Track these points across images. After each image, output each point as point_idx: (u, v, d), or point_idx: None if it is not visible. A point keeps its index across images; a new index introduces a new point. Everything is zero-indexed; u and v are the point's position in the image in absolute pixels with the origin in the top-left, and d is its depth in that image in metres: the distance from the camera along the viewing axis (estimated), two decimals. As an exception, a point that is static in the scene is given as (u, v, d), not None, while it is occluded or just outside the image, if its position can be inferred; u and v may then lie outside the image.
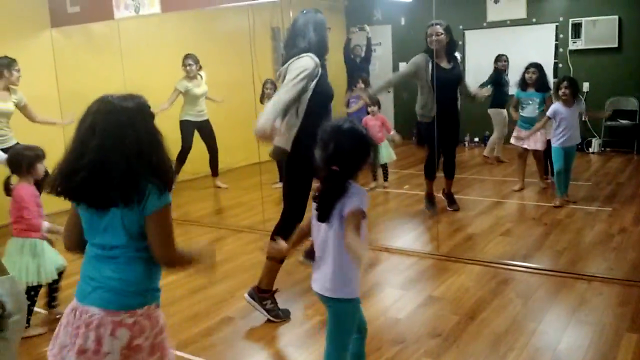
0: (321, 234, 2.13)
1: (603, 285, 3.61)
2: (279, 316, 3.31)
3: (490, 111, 7.44)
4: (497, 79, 7.36)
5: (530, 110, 6.01)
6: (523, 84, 6.08)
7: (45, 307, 3.51)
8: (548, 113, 5.47)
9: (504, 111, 7.19)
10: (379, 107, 6.39)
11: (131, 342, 1.74)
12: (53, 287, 3.46)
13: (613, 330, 3.01)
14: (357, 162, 2.07)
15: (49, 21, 6.25)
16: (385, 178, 6.73)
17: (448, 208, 5.49)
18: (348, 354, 2.22)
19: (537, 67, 6.01)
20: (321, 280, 2.15)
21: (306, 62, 3.13)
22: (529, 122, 5.97)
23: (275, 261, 3.29)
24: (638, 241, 4.42)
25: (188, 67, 6.68)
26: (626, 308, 3.27)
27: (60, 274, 3.42)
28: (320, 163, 2.08)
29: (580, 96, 5.44)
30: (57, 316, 3.36)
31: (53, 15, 6.24)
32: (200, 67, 6.82)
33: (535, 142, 5.94)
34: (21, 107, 5.12)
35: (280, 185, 7.10)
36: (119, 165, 1.69)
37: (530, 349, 2.86)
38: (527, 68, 6.07)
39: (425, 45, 5.10)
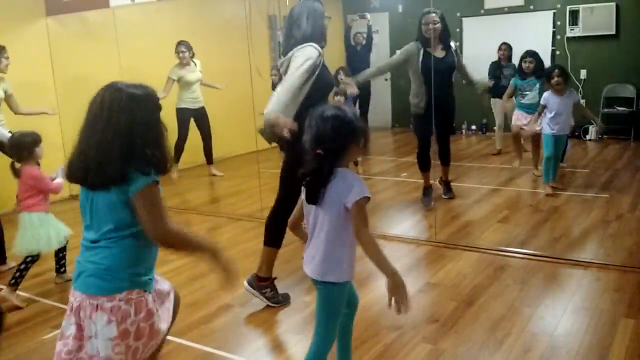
0: (318, 218, 2.14)
1: (600, 271, 3.63)
2: (280, 302, 3.35)
3: (491, 101, 7.44)
4: (494, 69, 7.32)
5: (531, 96, 6.04)
6: (521, 73, 6.11)
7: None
8: (541, 101, 5.47)
9: (502, 101, 7.14)
10: (346, 98, 6.37)
11: (118, 329, 1.78)
12: (60, 255, 3.87)
13: (610, 315, 3.03)
14: (340, 146, 2.06)
15: (45, 10, 6.21)
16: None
17: (443, 196, 5.51)
18: (335, 335, 2.25)
19: (534, 55, 6.03)
20: (311, 263, 2.18)
21: (310, 51, 3.11)
22: (531, 108, 5.97)
23: (273, 247, 3.34)
24: (635, 228, 4.43)
25: (181, 54, 6.67)
26: (623, 294, 3.29)
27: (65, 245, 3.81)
28: (307, 147, 2.10)
29: (572, 88, 5.40)
30: (67, 280, 3.86)
31: (48, 4, 6.20)
32: (194, 54, 6.80)
33: (537, 125, 5.92)
34: (7, 97, 5.00)
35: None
36: (109, 148, 1.74)
37: (527, 334, 2.87)
38: (523, 57, 6.09)
39: (418, 33, 5.05)
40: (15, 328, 3.25)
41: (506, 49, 7.33)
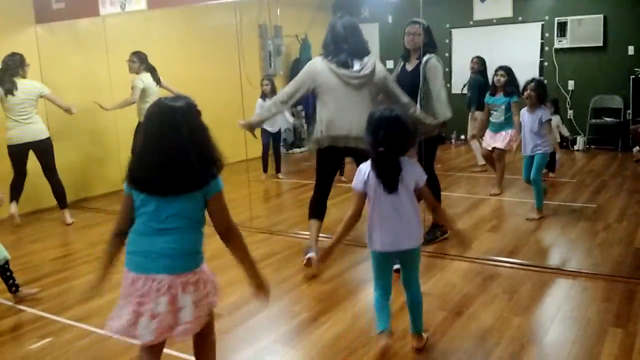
0: (392, 203, 2.54)
1: (588, 281, 3.65)
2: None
3: (469, 115, 7.32)
4: (469, 81, 7.25)
5: (496, 115, 5.86)
6: (492, 88, 5.91)
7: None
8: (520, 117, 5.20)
9: (475, 113, 6.99)
10: None
11: (202, 293, 2.14)
12: (5, 276, 3.60)
13: (598, 325, 3.04)
14: (405, 145, 2.49)
15: (34, 17, 6.19)
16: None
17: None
18: None
19: (506, 70, 5.77)
20: (409, 238, 2.60)
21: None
22: (496, 127, 5.89)
23: (319, 220, 4.02)
24: (622, 237, 4.46)
25: (129, 63, 6.12)
26: (611, 303, 3.30)
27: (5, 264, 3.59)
28: (369, 146, 2.47)
29: (546, 106, 4.99)
30: (26, 295, 3.70)
31: (37, 12, 6.18)
32: (147, 69, 6.16)
33: (498, 142, 5.85)
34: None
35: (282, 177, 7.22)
36: (182, 157, 2.00)
37: (516, 344, 2.88)
38: (496, 71, 5.84)
39: (404, 44, 4.60)
40: (0, 338, 3.21)
41: (477, 62, 7.09)
